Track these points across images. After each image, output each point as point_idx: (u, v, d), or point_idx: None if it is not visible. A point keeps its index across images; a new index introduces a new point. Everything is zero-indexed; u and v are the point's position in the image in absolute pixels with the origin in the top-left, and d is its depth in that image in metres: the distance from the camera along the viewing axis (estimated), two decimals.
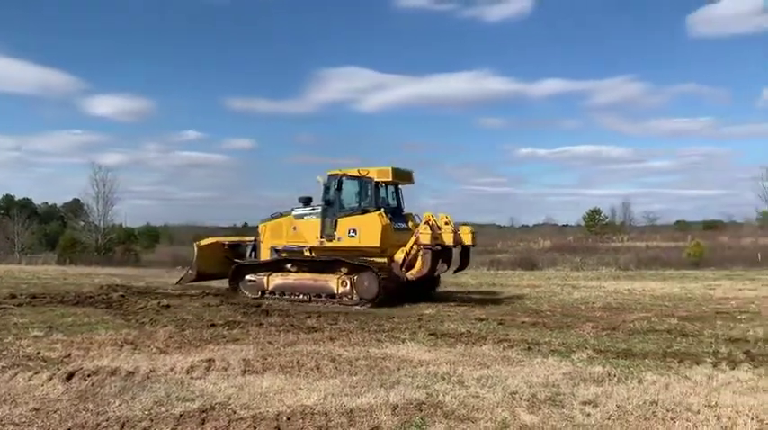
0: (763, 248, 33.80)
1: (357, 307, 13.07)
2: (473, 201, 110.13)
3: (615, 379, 6.85)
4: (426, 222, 13.14)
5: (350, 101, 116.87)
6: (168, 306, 13.24)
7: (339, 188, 13.86)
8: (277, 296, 14.15)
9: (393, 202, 14.65)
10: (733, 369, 7.30)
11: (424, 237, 12.92)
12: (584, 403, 5.89)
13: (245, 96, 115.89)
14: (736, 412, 5.57)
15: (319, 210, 14.13)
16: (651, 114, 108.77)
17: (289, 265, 14.36)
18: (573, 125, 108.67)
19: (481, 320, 11.42)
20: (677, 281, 20.00)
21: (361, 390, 6.25)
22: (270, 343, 8.96)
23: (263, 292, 14.37)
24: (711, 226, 73.20)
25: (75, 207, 53.82)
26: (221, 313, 12.27)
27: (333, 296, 13.58)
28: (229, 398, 5.97)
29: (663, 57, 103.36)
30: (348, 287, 13.39)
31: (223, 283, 16.08)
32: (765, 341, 9.13)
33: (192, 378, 6.84)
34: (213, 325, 10.64)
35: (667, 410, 5.64)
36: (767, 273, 24.23)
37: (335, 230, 13.67)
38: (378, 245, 13.31)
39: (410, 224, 14.31)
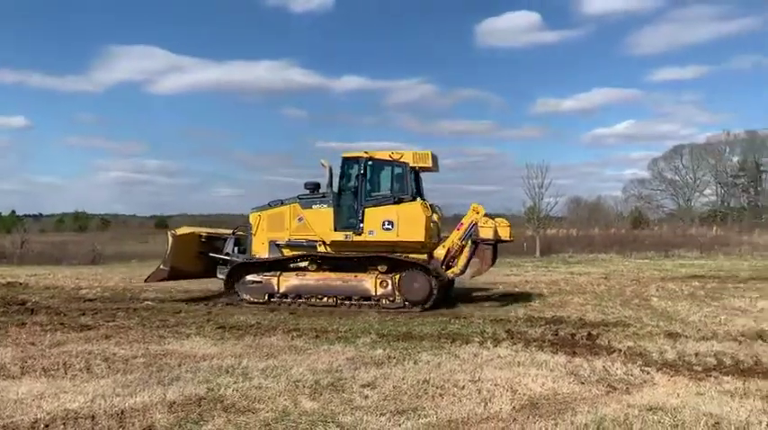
0: (528, 239, 38.08)
1: (402, 311, 11.34)
2: (274, 191, 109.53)
3: (394, 361, 7.23)
4: (485, 214, 11.91)
5: (142, 81, 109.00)
6: None
7: (364, 173, 11.82)
8: (290, 300, 11.92)
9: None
10: (496, 346, 8.08)
11: (486, 230, 11.65)
12: (364, 386, 6.14)
13: (16, 68, 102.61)
14: (495, 385, 6.19)
15: (331, 197, 11.95)
16: (441, 116, 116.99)
17: (305, 263, 12.14)
18: (372, 122, 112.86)
19: (273, 311, 11.39)
20: None
21: (135, 390, 5.88)
22: (32, 344, 8.06)
23: (271, 296, 12.00)
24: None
25: None
26: None
27: (368, 298, 11.63)
28: None
29: (452, 62, 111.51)
30: (389, 288, 11.52)
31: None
32: (524, 320, 10.27)
33: None
34: None
35: (437, 387, 6.09)
36: (530, 260, 27.41)
37: (362, 222, 11.64)
38: (422, 239, 11.54)
39: (435, 216, 12.58)
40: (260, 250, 12.31)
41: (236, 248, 12.84)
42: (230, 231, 13.43)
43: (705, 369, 6.90)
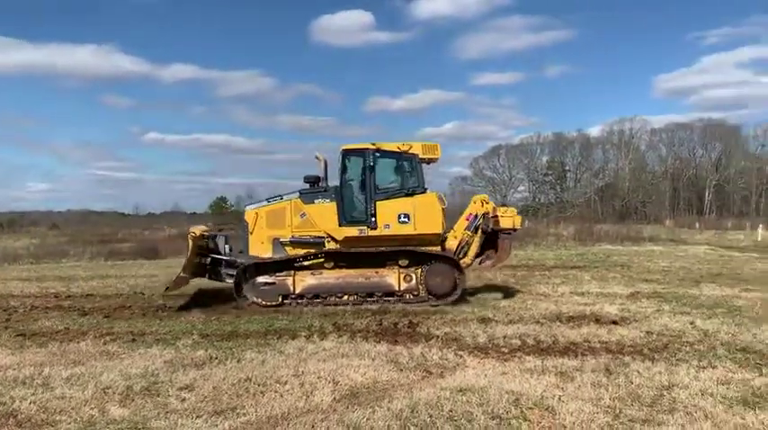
0: None
1: (425, 304, 10.98)
2: (93, 185, 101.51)
3: (216, 361, 7.02)
4: (503, 205, 11.30)
5: None
6: None
7: (373, 166, 11.23)
8: (306, 300, 11.10)
9: None
10: (322, 340, 8.16)
11: (507, 220, 11.59)
12: (181, 388, 5.90)
13: None
14: (318, 378, 6.24)
15: (333, 191, 11.29)
16: (278, 109, 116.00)
17: (320, 261, 11.33)
18: (204, 112, 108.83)
19: (85, 315, 10.54)
20: None
21: None
22: None
23: (286, 297, 11.13)
24: None
25: None
26: None
27: (391, 294, 11.20)
28: None
29: (289, 56, 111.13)
30: (413, 282, 11.20)
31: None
32: (351, 312, 10.40)
33: None
34: None
35: (259, 384, 6.01)
36: None
37: (374, 216, 11.07)
38: (440, 231, 11.28)
39: None
40: (259, 249, 11.43)
41: (226, 247, 11.82)
42: (208, 229, 12.16)
43: (511, 350, 7.51)
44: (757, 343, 7.84)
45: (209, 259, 11.65)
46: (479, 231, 11.72)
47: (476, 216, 11.81)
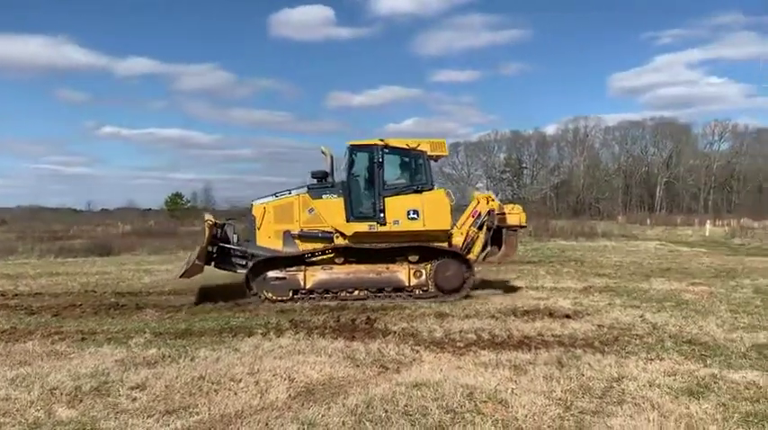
0: None
1: (434, 300, 11.01)
2: (44, 181, 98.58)
3: (169, 359, 6.89)
4: (510, 201, 11.23)
5: None
6: None
7: (381, 162, 11.23)
8: (316, 295, 11.16)
9: None
10: (279, 337, 8.08)
11: (513, 217, 11.94)
12: (132, 388, 5.78)
13: None
14: (274, 375, 6.19)
15: (341, 187, 11.34)
16: (236, 104, 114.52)
17: (330, 256, 11.35)
18: (161, 107, 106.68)
19: (32, 314, 10.22)
20: None
21: None
22: None
23: (296, 292, 11.16)
24: None
25: None
26: None
27: (400, 290, 11.27)
28: None
29: (247, 50, 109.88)
30: (423, 278, 11.27)
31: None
32: (309, 309, 10.36)
33: None
34: None
35: (213, 383, 5.93)
36: None
37: (383, 212, 11.12)
38: (448, 227, 11.45)
39: None
40: (267, 243, 11.45)
41: (234, 236, 11.82)
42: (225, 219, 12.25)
43: (466, 344, 7.59)
44: (703, 335, 8.11)
45: (215, 248, 11.61)
46: (485, 228, 11.92)
47: (480, 214, 12.00)
